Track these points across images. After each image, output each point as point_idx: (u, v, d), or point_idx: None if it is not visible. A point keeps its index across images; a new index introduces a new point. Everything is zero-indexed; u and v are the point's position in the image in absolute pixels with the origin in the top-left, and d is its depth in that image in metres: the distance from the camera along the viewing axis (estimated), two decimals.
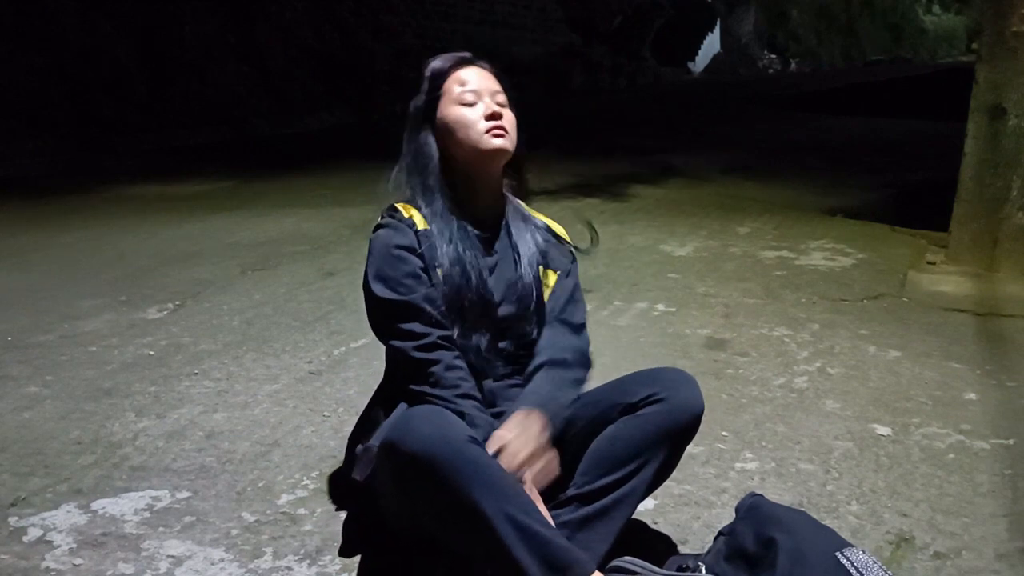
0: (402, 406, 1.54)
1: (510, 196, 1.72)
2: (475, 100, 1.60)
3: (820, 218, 4.76)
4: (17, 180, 6.17)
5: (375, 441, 1.52)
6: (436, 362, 1.51)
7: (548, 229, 1.74)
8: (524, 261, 1.65)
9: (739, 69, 18.35)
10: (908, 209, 4.88)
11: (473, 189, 1.64)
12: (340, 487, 1.88)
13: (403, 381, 1.55)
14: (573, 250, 1.76)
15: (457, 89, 1.61)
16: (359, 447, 1.58)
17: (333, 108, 9.67)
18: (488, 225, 1.66)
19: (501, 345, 1.62)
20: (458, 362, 1.53)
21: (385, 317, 1.57)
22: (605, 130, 8.92)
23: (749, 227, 4.52)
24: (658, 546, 1.68)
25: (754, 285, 3.48)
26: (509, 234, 1.67)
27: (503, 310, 1.62)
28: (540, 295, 1.66)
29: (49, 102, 7.42)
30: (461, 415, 1.44)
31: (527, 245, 1.67)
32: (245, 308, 3.20)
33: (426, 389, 1.50)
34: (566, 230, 1.78)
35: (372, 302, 1.59)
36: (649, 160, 6.80)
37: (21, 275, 3.68)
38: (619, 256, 3.94)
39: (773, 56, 19.91)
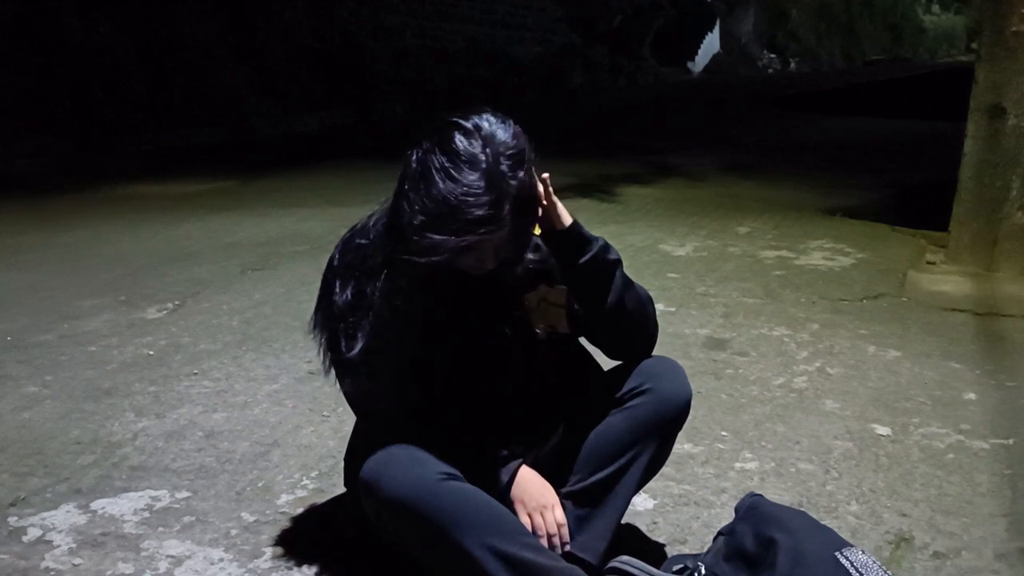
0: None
1: None
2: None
3: (820, 218, 4.76)
4: (17, 180, 6.17)
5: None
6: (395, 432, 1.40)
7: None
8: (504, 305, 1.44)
9: (739, 69, 18.31)
10: (908, 209, 4.88)
11: None
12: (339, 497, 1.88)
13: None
14: None
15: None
16: (346, 493, 1.52)
17: (333, 108, 9.66)
18: None
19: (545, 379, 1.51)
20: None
21: (346, 388, 1.48)
22: (605, 130, 8.91)
23: (749, 227, 4.52)
24: (658, 546, 1.68)
25: (754, 285, 3.48)
26: None
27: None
28: (548, 326, 1.49)
29: (49, 102, 7.41)
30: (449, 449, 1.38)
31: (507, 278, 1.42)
32: (245, 308, 3.20)
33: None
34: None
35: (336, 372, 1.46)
36: (649, 160, 6.80)
37: (21, 275, 3.68)
38: None
39: (773, 56, 19.88)
